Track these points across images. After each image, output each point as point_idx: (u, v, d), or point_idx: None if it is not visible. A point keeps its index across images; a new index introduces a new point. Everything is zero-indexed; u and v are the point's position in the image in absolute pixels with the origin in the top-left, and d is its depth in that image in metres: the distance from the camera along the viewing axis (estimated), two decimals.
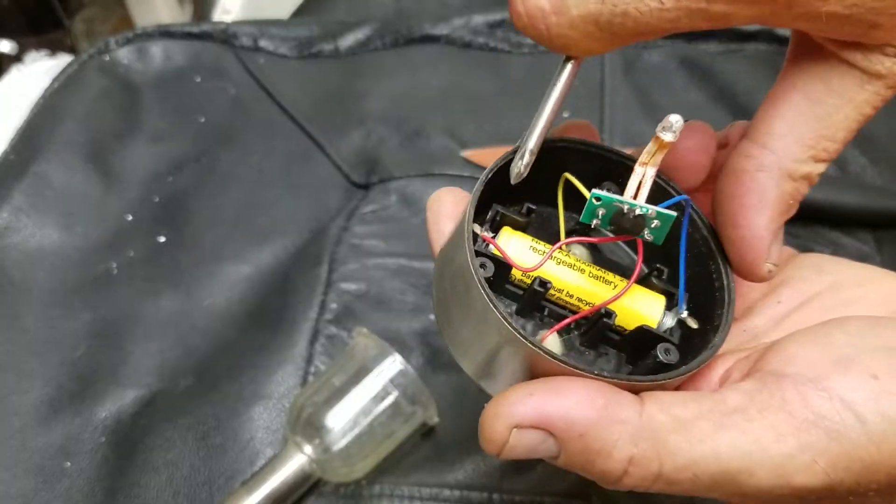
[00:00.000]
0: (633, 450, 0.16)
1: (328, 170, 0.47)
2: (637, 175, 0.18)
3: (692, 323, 0.20)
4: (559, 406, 0.16)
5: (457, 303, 0.18)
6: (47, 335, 0.40)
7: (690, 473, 0.16)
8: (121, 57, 0.52)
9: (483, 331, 0.18)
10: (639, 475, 0.16)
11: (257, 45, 0.54)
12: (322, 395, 0.33)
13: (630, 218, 0.18)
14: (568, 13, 0.16)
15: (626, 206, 0.18)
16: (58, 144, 0.47)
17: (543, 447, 0.17)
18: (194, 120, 0.50)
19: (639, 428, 0.16)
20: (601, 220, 0.18)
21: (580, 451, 0.16)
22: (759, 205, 0.18)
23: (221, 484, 0.34)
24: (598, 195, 0.18)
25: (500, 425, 0.17)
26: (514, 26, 0.58)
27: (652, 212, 0.18)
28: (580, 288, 0.19)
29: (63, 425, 0.36)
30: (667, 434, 0.16)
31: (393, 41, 0.53)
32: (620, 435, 0.16)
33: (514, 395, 0.17)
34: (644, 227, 0.18)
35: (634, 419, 0.16)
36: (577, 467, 0.17)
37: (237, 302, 0.41)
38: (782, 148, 0.18)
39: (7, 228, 0.43)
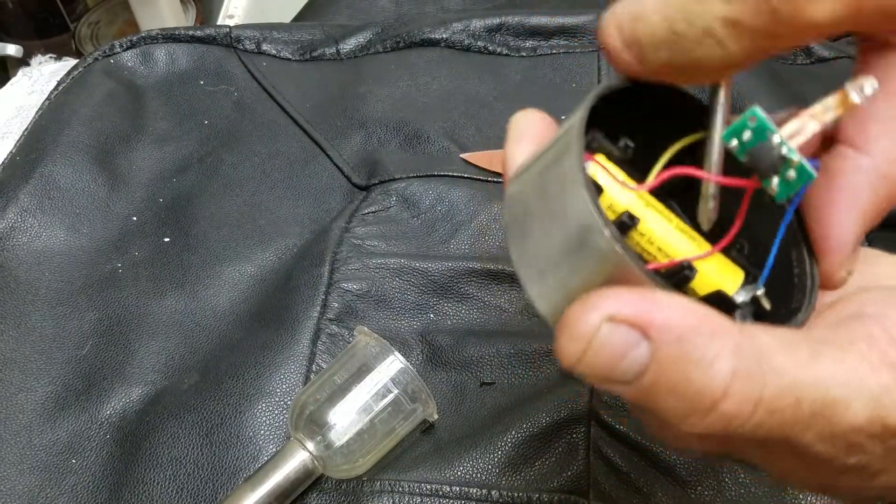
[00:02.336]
0: (737, 362, 0.14)
1: (330, 171, 0.47)
2: (798, 122, 0.16)
3: (766, 303, 0.18)
4: (659, 306, 0.15)
5: (545, 218, 0.17)
6: (53, 334, 0.40)
7: (793, 398, 0.15)
8: (126, 60, 0.53)
9: (576, 249, 0.16)
10: (741, 395, 0.14)
11: (260, 49, 0.54)
12: (324, 392, 0.33)
13: (772, 155, 0.16)
14: (647, 61, 0.17)
15: (776, 139, 0.16)
16: (64, 146, 0.47)
17: (635, 353, 0.15)
18: (198, 122, 0.50)
19: (741, 342, 0.15)
20: (742, 144, 0.16)
21: (676, 358, 0.14)
22: (849, 206, 0.17)
23: (225, 480, 0.34)
24: (755, 113, 0.16)
25: (593, 316, 0.15)
26: (512, 31, 0.58)
27: (796, 160, 0.16)
28: (665, 236, 0.17)
29: (69, 423, 0.37)
30: (772, 351, 0.15)
31: (393, 45, 0.54)
32: (723, 346, 0.14)
33: (611, 290, 0.15)
34: (777, 174, 0.16)
35: (736, 333, 0.15)
36: (667, 386, 0.15)
37: (241, 301, 0.41)
38: (877, 150, 0.17)
39: (13, 229, 0.44)
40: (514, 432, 0.34)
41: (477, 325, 0.39)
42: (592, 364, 0.15)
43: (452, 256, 0.41)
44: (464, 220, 0.43)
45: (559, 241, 0.16)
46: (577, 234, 0.16)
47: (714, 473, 0.33)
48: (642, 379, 0.15)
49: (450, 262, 0.41)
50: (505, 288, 0.40)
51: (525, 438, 0.34)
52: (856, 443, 0.15)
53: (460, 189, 0.44)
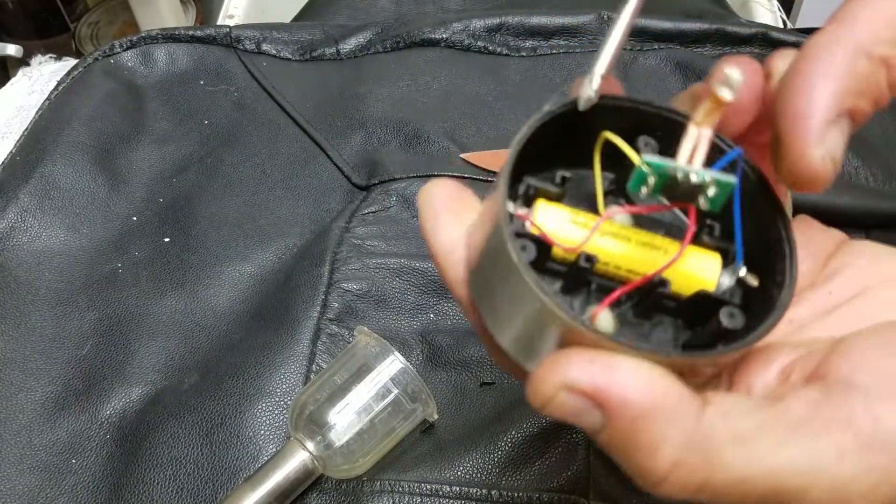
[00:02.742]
0: (682, 454, 0.15)
1: (330, 171, 0.47)
2: (691, 137, 0.16)
3: (752, 280, 0.18)
4: (618, 382, 0.15)
5: (496, 287, 0.17)
6: (53, 334, 0.40)
7: (740, 490, 0.15)
8: (126, 60, 0.53)
9: (531, 316, 0.16)
10: (681, 483, 0.15)
11: (260, 49, 0.54)
12: (324, 392, 0.33)
13: (685, 185, 0.16)
14: None
15: (679, 173, 0.16)
16: (64, 146, 0.47)
17: (588, 417, 0.15)
18: (198, 122, 0.50)
19: (694, 432, 0.15)
20: (652, 188, 0.16)
21: (625, 436, 0.15)
22: (822, 74, 0.16)
23: (225, 480, 0.34)
24: (649, 162, 0.16)
25: (551, 382, 0.15)
26: (512, 31, 0.58)
27: (710, 179, 0.16)
28: (628, 258, 0.18)
29: (69, 423, 0.37)
30: (723, 445, 0.15)
31: (393, 45, 0.54)
32: (673, 435, 0.15)
33: (575, 356, 0.15)
34: (700, 194, 0.16)
35: (691, 422, 0.15)
36: (616, 452, 0.16)
37: (241, 301, 0.41)
38: (862, 26, 0.16)
39: (14, 229, 0.44)
40: (514, 432, 0.34)
41: None
42: (553, 416, 0.16)
43: None
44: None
45: (516, 314, 0.17)
46: (536, 314, 0.16)
47: None
48: (598, 437, 0.16)
49: None
50: None
51: (525, 438, 0.34)
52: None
53: None
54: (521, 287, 0.16)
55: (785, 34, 0.52)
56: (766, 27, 0.52)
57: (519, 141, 0.17)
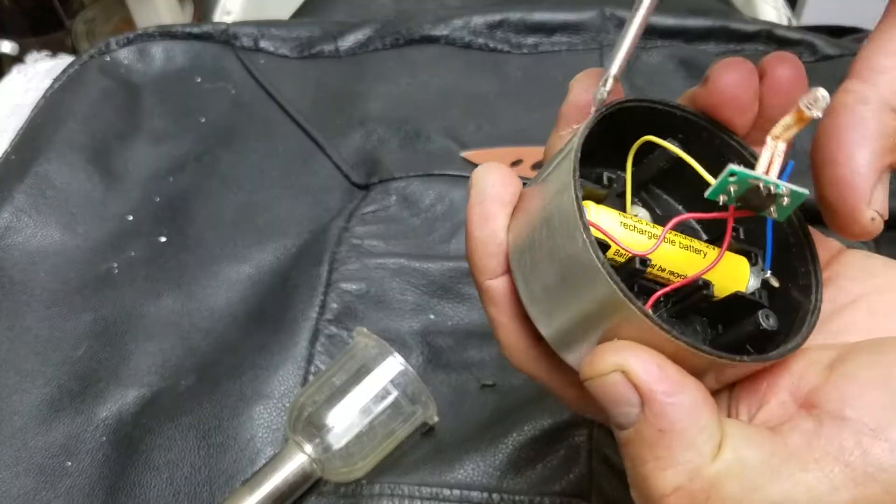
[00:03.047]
0: (688, 483, 0.16)
1: (328, 170, 0.47)
2: (769, 149, 0.17)
3: (774, 282, 0.19)
4: (669, 391, 0.16)
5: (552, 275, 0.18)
6: (49, 335, 0.40)
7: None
8: (122, 57, 0.52)
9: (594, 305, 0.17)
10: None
11: (258, 46, 0.54)
12: (322, 394, 0.33)
13: (762, 196, 0.17)
14: None
15: (761, 183, 0.17)
16: (59, 145, 0.47)
17: (626, 410, 0.16)
18: (195, 120, 0.50)
19: (706, 467, 0.16)
20: (730, 196, 0.17)
21: (648, 443, 0.16)
22: (859, 139, 0.17)
23: (222, 483, 0.34)
24: (736, 171, 0.16)
25: (612, 360, 0.16)
26: (513, 27, 0.58)
27: (786, 190, 0.17)
28: (674, 261, 0.19)
29: (64, 425, 0.37)
30: (726, 480, 0.16)
31: (393, 42, 0.54)
32: (687, 460, 0.16)
33: (645, 351, 0.16)
34: (772, 204, 0.17)
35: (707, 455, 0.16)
36: (630, 453, 0.16)
37: (238, 302, 0.41)
38: (885, 81, 0.17)
39: (8, 228, 0.43)
40: (515, 435, 0.34)
41: (477, 326, 0.39)
42: (595, 391, 0.17)
43: (452, 256, 0.41)
44: (464, 219, 0.43)
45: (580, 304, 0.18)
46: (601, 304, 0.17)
47: None
48: (621, 432, 0.17)
49: (450, 262, 0.40)
50: None
51: (527, 441, 0.33)
52: None
53: (460, 189, 0.44)
54: (590, 277, 0.17)
55: (789, 31, 0.51)
56: (771, 24, 0.52)
57: (581, 133, 0.18)
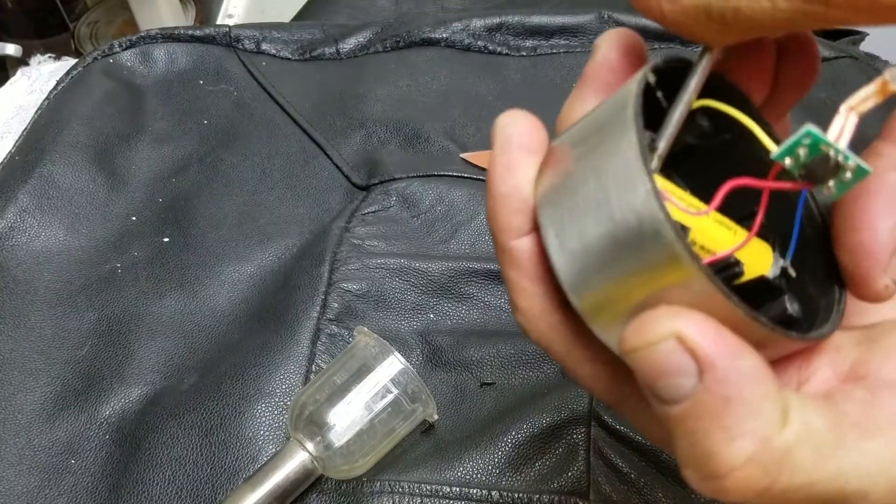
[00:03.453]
0: (757, 453, 0.14)
1: (330, 171, 0.47)
2: (841, 118, 0.16)
3: (792, 271, 0.18)
4: (732, 355, 0.14)
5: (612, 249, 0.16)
6: (52, 334, 0.40)
7: (805, 494, 0.15)
8: (125, 59, 0.53)
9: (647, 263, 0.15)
10: (745, 481, 0.14)
11: (260, 48, 0.54)
12: (323, 393, 0.33)
13: (828, 165, 0.15)
14: (680, 1, 0.15)
15: (832, 151, 0.15)
16: (63, 146, 0.47)
17: (678, 381, 0.14)
18: (198, 122, 0.50)
19: (776, 436, 0.14)
20: (797, 160, 0.16)
21: (710, 414, 0.14)
22: (884, 208, 0.16)
23: (224, 481, 0.34)
24: (811, 132, 0.15)
25: (666, 326, 0.14)
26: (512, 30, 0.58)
27: (853, 163, 0.15)
28: (704, 233, 0.17)
29: (68, 423, 0.37)
30: (797, 448, 0.14)
31: (393, 44, 0.54)
32: (754, 429, 0.14)
33: (699, 315, 0.14)
34: (834, 177, 0.16)
35: (776, 424, 0.14)
36: (687, 428, 0.15)
37: (240, 301, 0.41)
38: None
39: (12, 229, 0.44)
40: (514, 433, 0.34)
41: (477, 326, 0.39)
42: (641, 363, 0.15)
43: (452, 256, 0.41)
44: (464, 220, 0.43)
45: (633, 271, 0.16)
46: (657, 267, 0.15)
47: None
48: (674, 406, 0.15)
49: (450, 262, 0.40)
50: (505, 288, 0.40)
51: (525, 439, 0.34)
52: None
53: (460, 189, 0.44)
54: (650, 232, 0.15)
55: None
56: None
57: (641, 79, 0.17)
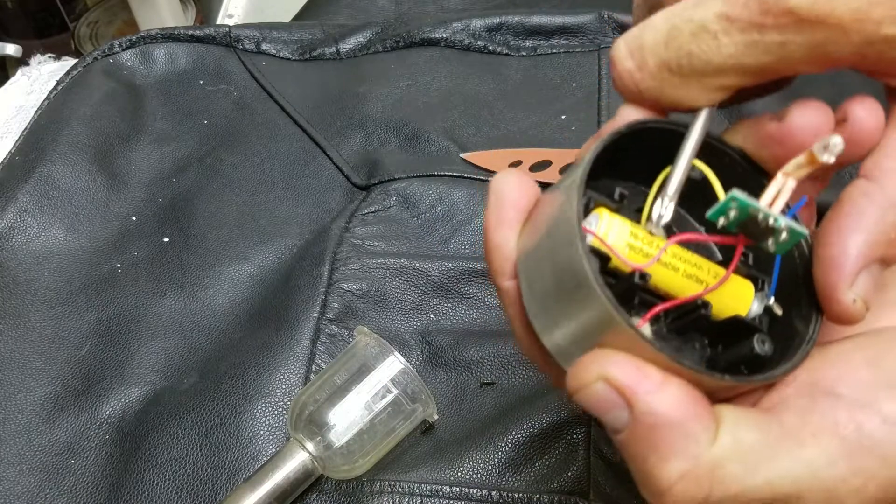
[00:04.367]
0: (690, 468, 0.16)
1: (330, 171, 0.47)
2: (777, 183, 0.17)
3: (777, 310, 0.19)
4: (650, 390, 0.16)
5: (550, 285, 0.18)
6: (52, 334, 0.40)
7: (740, 502, 0.16)
8: (125, 59, 0.53)
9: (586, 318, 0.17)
10: (683, 495, 0.16)
11: (260, 49, 0.54)
12: (323, 393, 0.33)
13: (760, 227, 0.17)
14: (647, 66, 0.17)
15: (761, 215, 0.17)
16: (63, 146, 0.47)
17: (615, 414, 0.17)
18: (198, 122, 0.50)
19: (705, 452, 0.16)
20: (730, 221, 0.17)
21: (643, 441, 0.17)
22: (853, 226, 0.18)
23: (224, 481, 0.34)
24: (736, 197, 0.17)
25: (594, 370, 0.17)
26: (512, 30, 0.58)
27: (785, 225, 0.17)
28: (675, 280, 0.19)
29: (68, 423, 0.37)
30: (726, 462, 0.16)
31: (393, 44, 0.54)
32: (686, 449, 0.16)
33: (622, 356, 0.17)
34: (769, 237, 0.17)
35: (704, 442, 0.16)
36: (631, 454, 0.17)
37: (240, 301, 0.41)
38: (889, 180, 0.18)
39: (13, 229, 0.44)
40: (514, 433, 0.34)
41: (477, 326, 0.39)
42: (584, 402, 0.17)
43: (452, 256, 0.41)
44: (464, 220, 0.43)
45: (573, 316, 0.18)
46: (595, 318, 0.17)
47: None
48: (619, 435, 0.17)
49: (450, 262, 0.40)
50: None
51: (525, 439, 0.34)
52: None
53: (460, 189, 0.44)
54: (583, 287, 0.17)
55: None
56: None
57: (594, 150, 0.18)
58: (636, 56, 0.18)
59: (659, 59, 0.17)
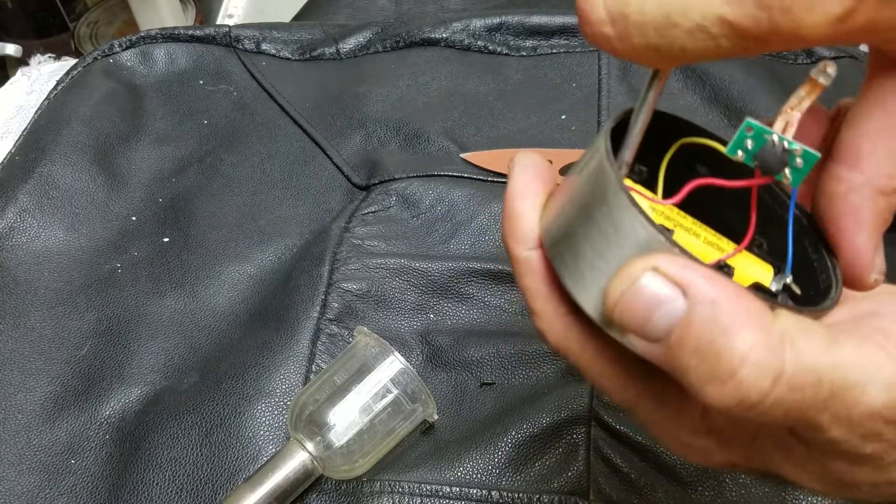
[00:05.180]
0: (761, 336, 0.15)
1: (330, 171, 0.47)
2: (783, 117, 0.18)
3: (796, 289, 0.20)
4: (702, 274, 0.16)
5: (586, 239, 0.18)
6: (53, 334, 0.40)
7: (813, 377, 0.15)
8: (125, 59, 0.53)
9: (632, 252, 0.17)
10: (760, 367, 0.15)
11: (260, 49, 0.54)
12: (324, 393, 0.33)
13: (777, 153, 0.17)
14: (629, 40, 0.17)
15: (775, 138, 0.17)
16: (63, 146, 0.47)
17: (668, 307, 0.16)
18: (198, 122, 0.50)
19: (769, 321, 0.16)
20: (748, 152, 0.18)
21: (706, 320, 0.15)
22: (856, 226, 0.18)
23: (224, 481, 0.34)
24: (751, 123, 0.17)
25: (640, 264, 0.16)
26: (512, 30, 0.58)
27: (798, 148, 0.17)
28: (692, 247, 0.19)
29: (68, 423, 0.37)
30: (795, 336, 0.16)
31: (393, 44, 0.54)
32: (751, 320, 0.15)
33: (667, 254, 0.16)
34: (787, 165, 0.18)
35: (767, 315, 0.16)
36: (692, 346, 0.16)
37: (240, 301, 0.41)
38: (870, 167, 0.18)
39: (13, 229, 0.44)
40: (514, 433, 0.34)
41: (477, 326, 0.39)
42: (629, 308, 0.16)
43: (452, 256, 0.41)
44: (464, 220, 0.43)
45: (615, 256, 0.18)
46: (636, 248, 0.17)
47: (714, 474, 0.33)
48: (670, 336, 0.16)
49: (450, 262, 0.40)
50: (505, 288, 0.40)
51: (525, 439, 0.34)
52: (873, 429, 0.16)
53: (460, 189, 0.44)
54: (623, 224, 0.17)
55: None
56: None
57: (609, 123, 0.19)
58: (618, 25, 0.17)
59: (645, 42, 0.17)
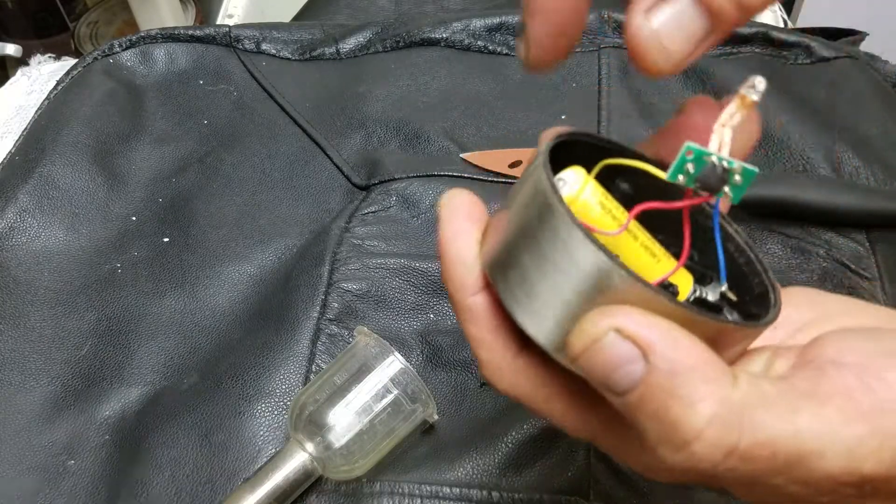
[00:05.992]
0: (718, 410, 0.15)
1: (330, 171, 0.47)
2: (717, 135, 0.18)
3: (732, 296, 0.20)
4: (666, 337, 0.16)
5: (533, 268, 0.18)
6: (52, 334, 0.40)
7: (769, 451, 0.16)
8: (125, 59, 0.53)
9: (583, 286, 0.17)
10: (715, 441, 0.15)
11: (260, 49, 0.54)
12: (323, 393, 0.33)
13: (717, 173, 0.18)
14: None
15: (714, 159, 0.18)
16: (63, 146, 0.47)
17: (629, 368, 0.16)
18: (198, 122, 0.50)
19: (731, 393, 0.15)
20: (689, 175, 0.18)
21: (664, 388, 0.15)
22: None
23: (223, 481, 0.34)
24: (691, 147, 0.18)
25: (604, 322, 0.16)
26: (512, 30, 0.58)
27: (738, 166, 0.18)
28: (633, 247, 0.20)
29: (67, 423, 0.37)
30: (753, 408, 0.16)
31: (393, 44, 0.54)
32: (711, 392, 0.15)
33: (628, 307, 0.16)
34: (727, 183, 0.18)
35: (728, 383, 0.16)
36: (647, 410, 0.16)
37: (240, 301, 0.41)
38: None
39: (13, 229, 0.44)
40: (514, 433, 0.34)
41: None
42: (591, 363, 0.16)
43: None
44: None
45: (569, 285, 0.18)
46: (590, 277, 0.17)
47: None
48: (631, 394, 0.16)
49: None
50: None
51: (525, 439, 0.34)
52: (830, 489, 0.16)
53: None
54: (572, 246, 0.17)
55: (785, 34, 0.51)
56: (767, 27, 0.52)
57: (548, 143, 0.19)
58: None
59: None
